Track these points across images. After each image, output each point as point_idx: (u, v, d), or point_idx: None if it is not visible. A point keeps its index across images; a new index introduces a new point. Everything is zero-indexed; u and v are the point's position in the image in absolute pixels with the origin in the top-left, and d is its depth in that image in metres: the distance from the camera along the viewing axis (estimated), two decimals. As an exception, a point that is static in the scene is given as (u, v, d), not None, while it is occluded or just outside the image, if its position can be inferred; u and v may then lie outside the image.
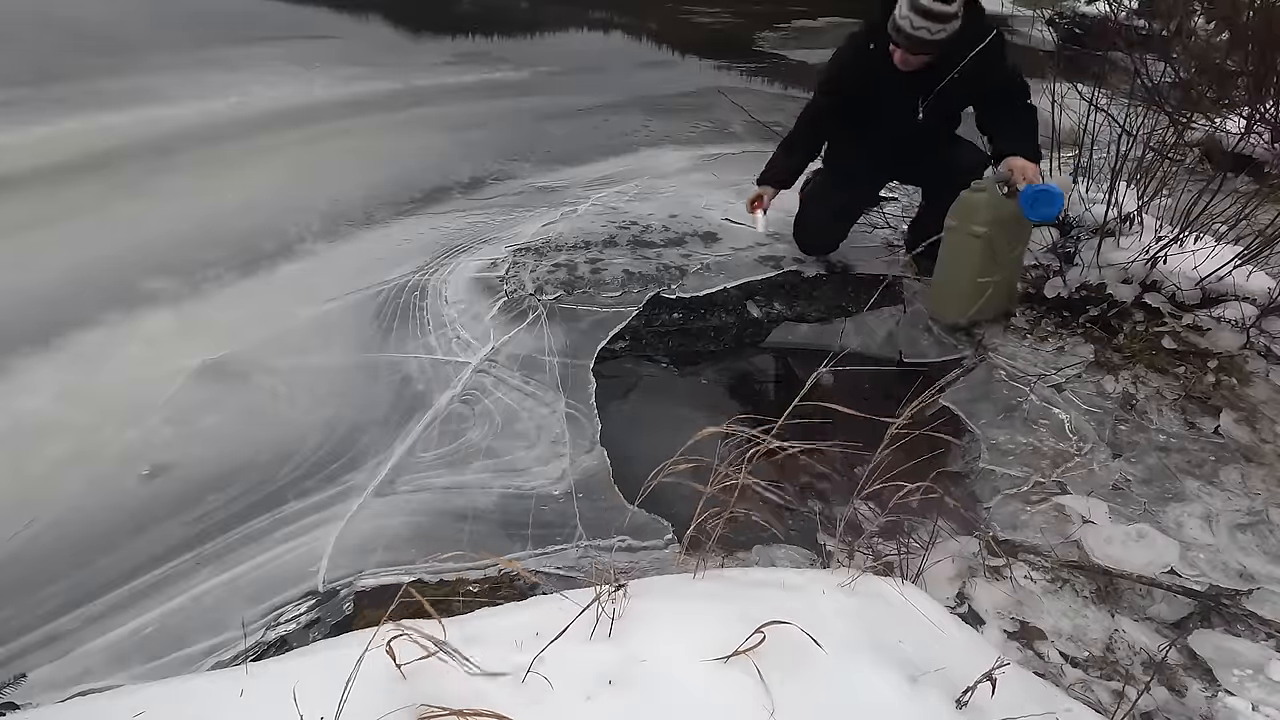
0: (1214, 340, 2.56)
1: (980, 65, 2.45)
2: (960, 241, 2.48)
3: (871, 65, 2.56)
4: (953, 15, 2.33)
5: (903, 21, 2.37)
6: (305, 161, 3.74)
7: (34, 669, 1.54)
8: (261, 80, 4.66)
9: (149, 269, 2.76)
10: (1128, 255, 2.70)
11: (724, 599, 1.27)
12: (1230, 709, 1.53)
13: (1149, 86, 3.33)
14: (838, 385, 2.53)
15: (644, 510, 1.93)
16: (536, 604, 1.35)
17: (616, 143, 4.20)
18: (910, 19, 2.35)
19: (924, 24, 2.33)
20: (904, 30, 2.37)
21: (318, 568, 1.76)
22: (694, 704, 1.03)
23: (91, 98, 4.15)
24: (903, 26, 2.37)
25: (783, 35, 6.87)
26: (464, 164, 3.80)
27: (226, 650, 1.57)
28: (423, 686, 1.01)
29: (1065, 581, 1.82)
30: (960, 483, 2.12)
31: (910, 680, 1.12)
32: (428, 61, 5.39)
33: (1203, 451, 2.23)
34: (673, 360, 2.62)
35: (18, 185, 3.26)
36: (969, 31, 2.41)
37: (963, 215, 2.48)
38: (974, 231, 2.44)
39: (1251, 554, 1.91)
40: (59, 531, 1.82)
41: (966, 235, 2.45)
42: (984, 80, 2.51)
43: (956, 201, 2.50)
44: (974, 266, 2.47)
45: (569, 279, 2.84)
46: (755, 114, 4.05)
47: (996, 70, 2.52)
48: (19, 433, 2.08)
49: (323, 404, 2.23)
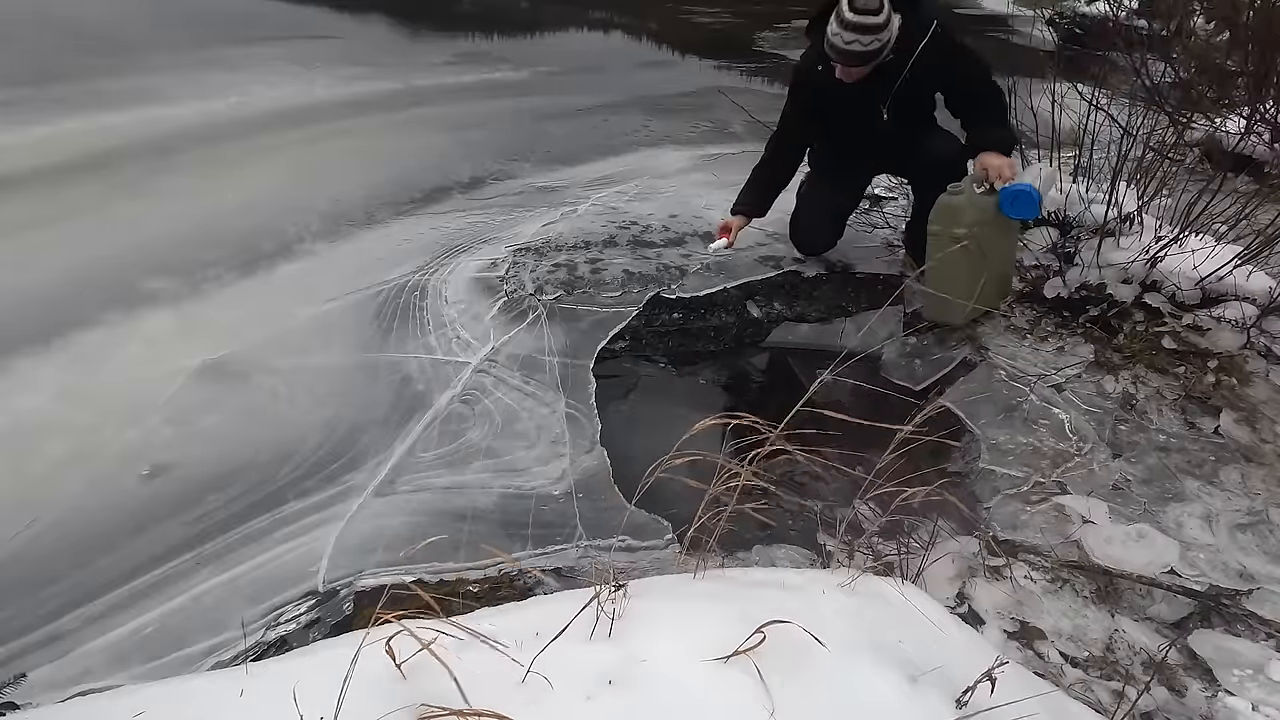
0: (1214, 340, 2.56)
1: (931, 59, 2.46)
2: (945, 245, 2.43)
3: (824, 85, 2.58)
4: (881, 25, 2.35)
5: (834, 39, 2.39)
6: (305, 161, 3.74)
7: (34, 669, 1.54)
8: (262, 80, 4.66)
9: (149, 269, 2.76)
10: (1128, 255, 2.70)
11: (724, 599, 1.27)
12: (1230, 709, 1.53)
13: (1149, 86, 3.33)
14: (839, 385, 2.54)
15: (644, 510, 1.93)
16: (536, 604, 1.35)
17: (616, 143, 4.20)
18: (840, 35, 2.37)
19: (854, 38, 2.36)
20: (837, 47, 2.40)
21: (318, 568, 1.76)
22: (694, 704, 1.03)
23: (91, 98, 4.15)
24: (835, 43, 2.40)
25: (783, 35, 6.87)
26: (464, 164, 3.80)
27: (226, 650, 1.57)
28: (423, 686, 1.01)
29: (1065, 581, 1.82)
30: (960, 483, 2.12)
31: (910, 680, 1.12)
32: (428, 61, 5.39)
33: (1203, 451, 2.23)
34: (673, 360, 2.62)
35: (18, 185, 3.26)
36: (910, 28, 2.43)
37: (944, 220, 2.46)
38: (956, 235, 2.41)
39: (1251, 554, 1.91)
40: (59, 531, 1.82)
41: (949, 239, 2.41)
42: (940, 73, 2.52)
43: (936, 206, 2.48)
44: (961, 268, 2.43)
45: (569, 279, 2.84)
46: (755, 114, 4.04)
47: (949, 60, 2.51)
48: (19, 432, 2.08)
49: (323, 404, 2.23)
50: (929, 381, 2.52)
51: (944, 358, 2.59)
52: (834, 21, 2.38)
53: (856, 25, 2.33)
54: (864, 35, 2.35)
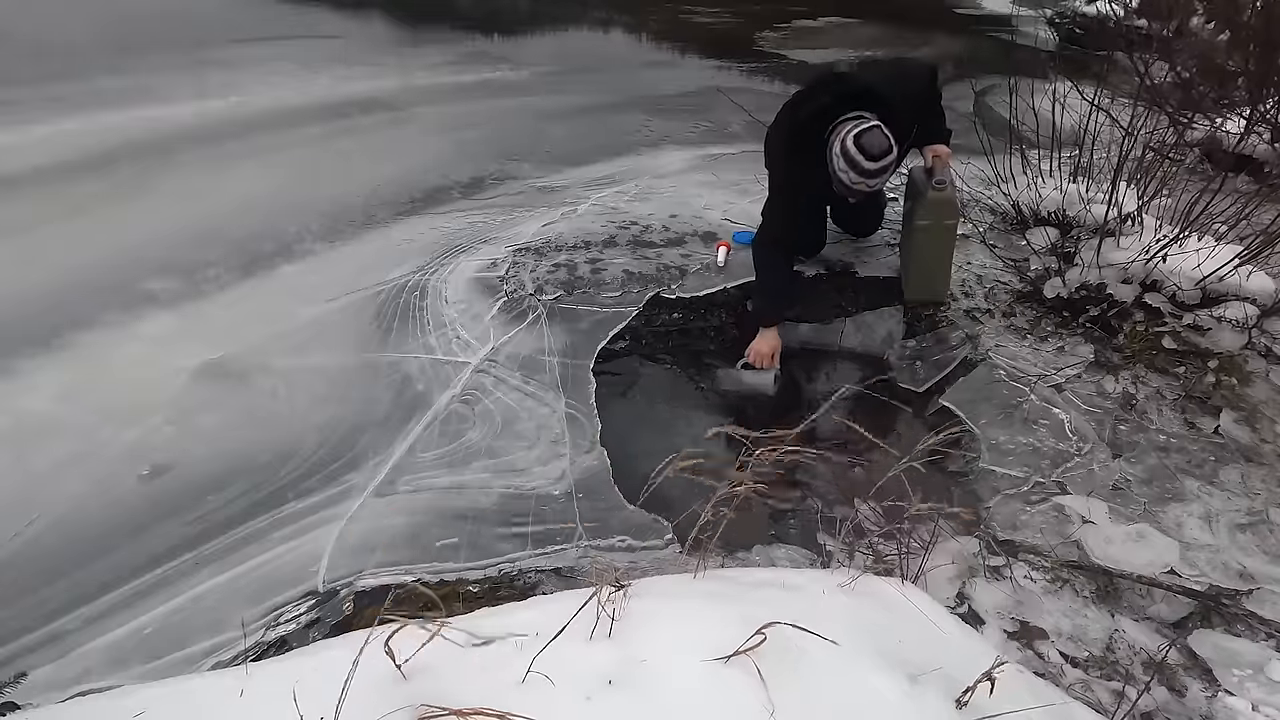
0: (1214, 340, 2.56)
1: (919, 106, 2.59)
2: (938, 235, 2.70)
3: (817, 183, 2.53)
4: (890, 150, 2.31)
5: (842, 175, 2.37)
6: (305, 161, 3.74)
7: (34, 669, 1.54)
8: (262, 80, 4.66)
9: (149, 269, 2.76)
10: (1128, 255, 2.70)
11: (724, 599, 1.27)
12: (1230, 709, 1.53)
13: (1150, 86, 3.33)
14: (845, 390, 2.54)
15: (644, 510, 1.93)
16: (537, 604, 1.35)
17: (616, 143, 4.19)
18: (848, 174, 2.35)
19: (862, 181, 2.35)
20: (847, 185, 2.38)
21: (318, 568, 1.76)
22: (694, 704, 1.03)
23: (91, 97, 4.15)
24: (845, 182, 2.38)
25: (783, 35, 6.87)
26: (464, 164, 3.80)
27: (226, 650, 1.58)
28: (423, 686, 1.01)
29: (1065, 581, 1.82)
30: (960, 483, 2.12)
31: (910, 680, 1.12)
32: (428, 61, 5.38)
33: (1203, 451, 2.23)
34: (673, 360, 2.62)
35: (18, 185, 3.26)
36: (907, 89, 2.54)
37: (936, 212, 2.65)
38: (947, 224, 2.68)
39: (1251, 554, 1.91)
40: (59, 531, 1.82)
41: (943, 227, 2.68)
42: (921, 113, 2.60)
43: (929, 203, 2.64)
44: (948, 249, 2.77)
45: (569, 279, 2.84)
46: (755, 114, 4.04)
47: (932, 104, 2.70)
48: (20, 432, 2.08)
49: (323, 404, 2.23)
50: (931, 382, 2.52)
51: (945, 358, 2.60)
52: (844, 165, 2.34)
53: (872, 171, 2.32)
54: (874, 179, 2.36)
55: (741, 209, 3.34)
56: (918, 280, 2.81)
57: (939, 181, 2.61)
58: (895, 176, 3.24)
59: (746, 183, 3.52)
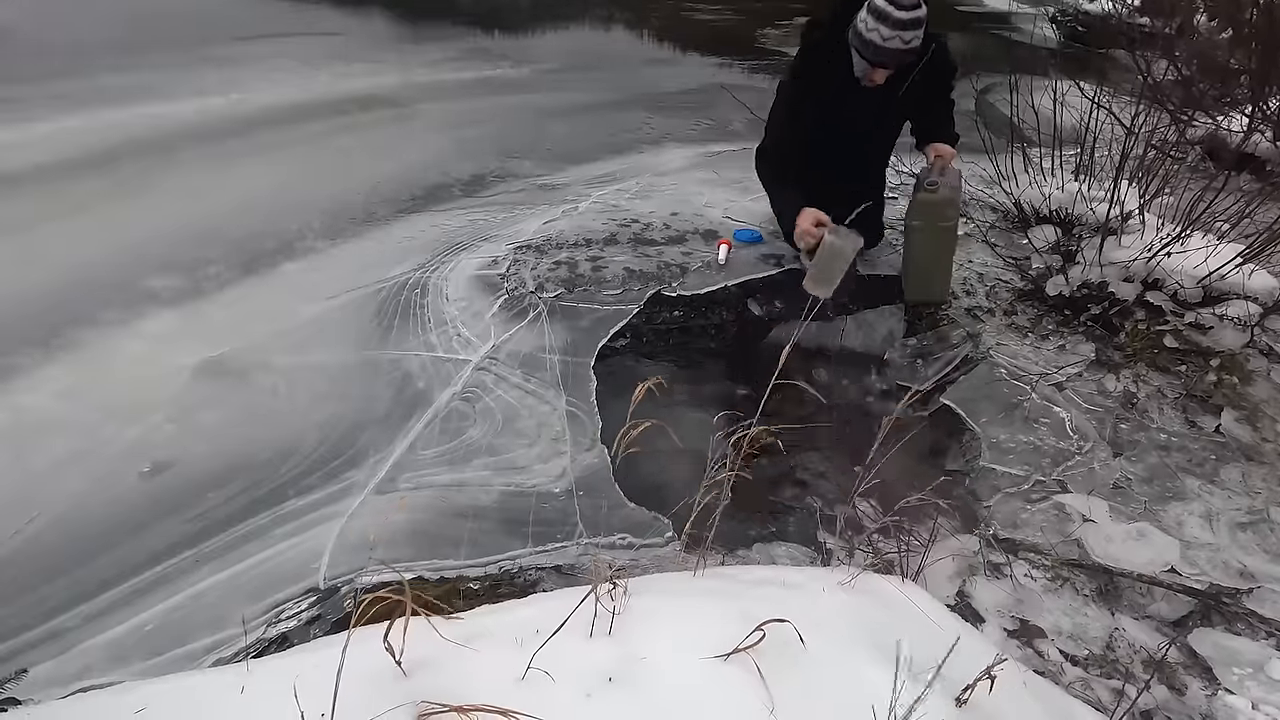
0: (1216, 339, 2.55)
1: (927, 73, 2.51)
2: (931, 237, 2.68)
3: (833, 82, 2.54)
4: (922, 19, 2.31)
5: (871, 35, 2.34)
6: (306, 159, 3.74)
7: (35, 665, 1.54)
8: (262, 77, 4.66)
9: (150, 267, 2.76)
10: (1129, 253, 2.70)
11: (724, 596, 1.27)
12: (1230, 707, 1.54)
13: (1151, 84, 3.32)
14: (836, 383, 2.54)
15: (644, 508, 1.94)
16: (537, 601, 1.35)
17: (618, 140, 4.19)
18: (879, 31, 2.32)
19: (896, 34, 2.32)
20: (876, 44, 2.35)
21: (318, 565, 1.76)
22: (694, 701, 1.04)
23: (92, 95, 4.14)
24: (873, 41, 2.35)
25: (784, 32, 6.85)
26: (465, 161, 3.80)
27: (227, 647, 1.58)
28: (423, 683, 1.01)
29: (1065, 580, 1.82)
30: (960, 481, 2.12)
31: (910, 678, 1.12)
32: (428, 59, 5.38)
33: (1204, 450, 2.22)
34: (673, 358, 2.62)
35: (19, 183, 3.26)
36: None
37: (926, 214, 2.63)
38: (941, 226, 2.65)
39: (1252, 553, 1.91)
40: (60, 529, 1.82)
41: (937, 229, 2.65)
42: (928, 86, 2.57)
43: (916, 203, 2.64)
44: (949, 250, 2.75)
45: (570, 276, 2.84)
46: (757, 111, 4.03)
47: (941, 78, 2.63)
48: (20, 430, 2.08)
49: (323, 401, 2.23)
50: (933, 382, 2.52)
51: (946, 357, 2.59)
52: (874, 20, 2.32)
53: (905, 22, 2.28)
54: (907, 31, 2.31)
55: (743, 207, 3.34)
56: (916, 281, 2.80)
57: (930, 183, 2.59)
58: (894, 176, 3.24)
59: (748, 180, 3.51)
